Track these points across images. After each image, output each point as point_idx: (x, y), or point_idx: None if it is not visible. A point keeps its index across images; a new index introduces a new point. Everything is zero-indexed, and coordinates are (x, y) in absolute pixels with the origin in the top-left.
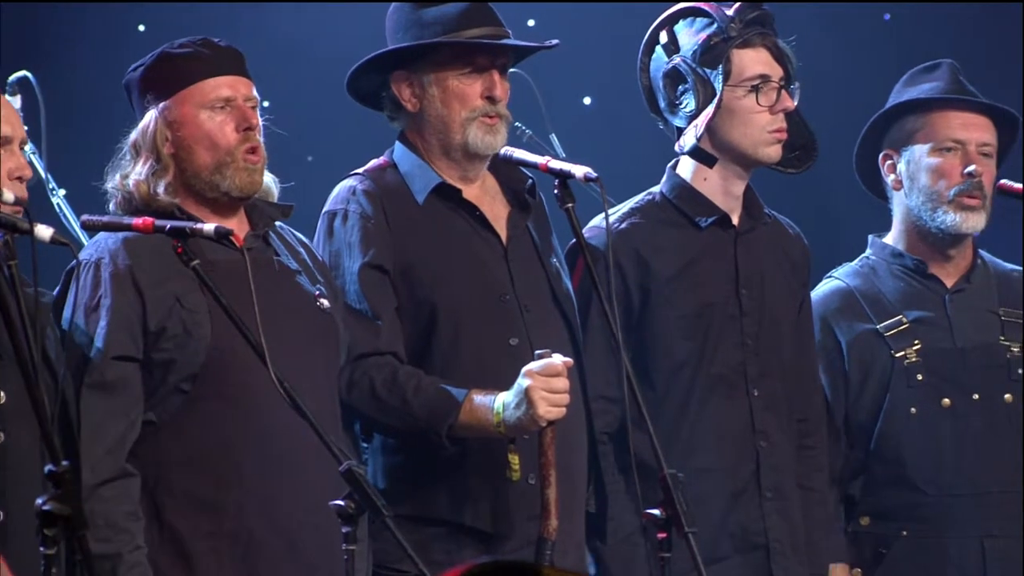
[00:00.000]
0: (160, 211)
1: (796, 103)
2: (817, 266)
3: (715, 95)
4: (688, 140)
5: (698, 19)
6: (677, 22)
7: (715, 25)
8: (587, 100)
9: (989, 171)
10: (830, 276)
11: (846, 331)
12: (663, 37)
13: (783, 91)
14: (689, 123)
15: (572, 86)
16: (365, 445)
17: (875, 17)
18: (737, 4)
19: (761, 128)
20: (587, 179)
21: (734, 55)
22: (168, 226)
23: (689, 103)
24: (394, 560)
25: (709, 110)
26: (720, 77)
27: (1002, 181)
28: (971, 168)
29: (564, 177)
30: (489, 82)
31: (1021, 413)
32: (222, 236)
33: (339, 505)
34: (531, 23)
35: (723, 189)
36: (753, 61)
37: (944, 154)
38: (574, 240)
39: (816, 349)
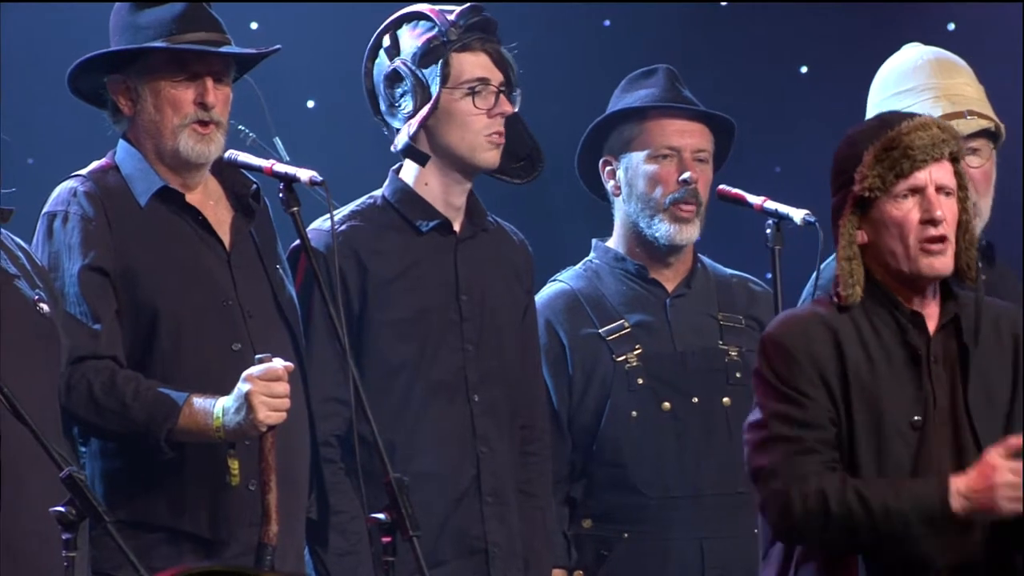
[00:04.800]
0: None
1: (517, 109)
2: (541, 270)
3: (431, 97)
4: (401, 139)
5: (421, 23)
6: (401, 26)
7: (436, 29)
8: (311, 103)
9: (705, 177)
10: (555, 279)
11: (570, 333)
12: (386, 41)
13: (502, 95)
14: (405, 123)
15: (296, 89)
16: (84, 449)
17: (595, 21)
18: (459, 9)
19: (477, 131)
20: (312, 183)
21: (453, 58)
22: None
23: (407, 104)
24: (113, 566)
25: (424, 110)
26: (438, 79)
27: (720, 187)
28: (686, 175)
29: (289, 181)
30: (202, 88)
31: (739, 416)
32: None
33: (59, 511)
34: (254, 26)
35: (444, 195)
36: (472, 65)
37: (660, 161)
38: (297, 242)
39: (541, 351)
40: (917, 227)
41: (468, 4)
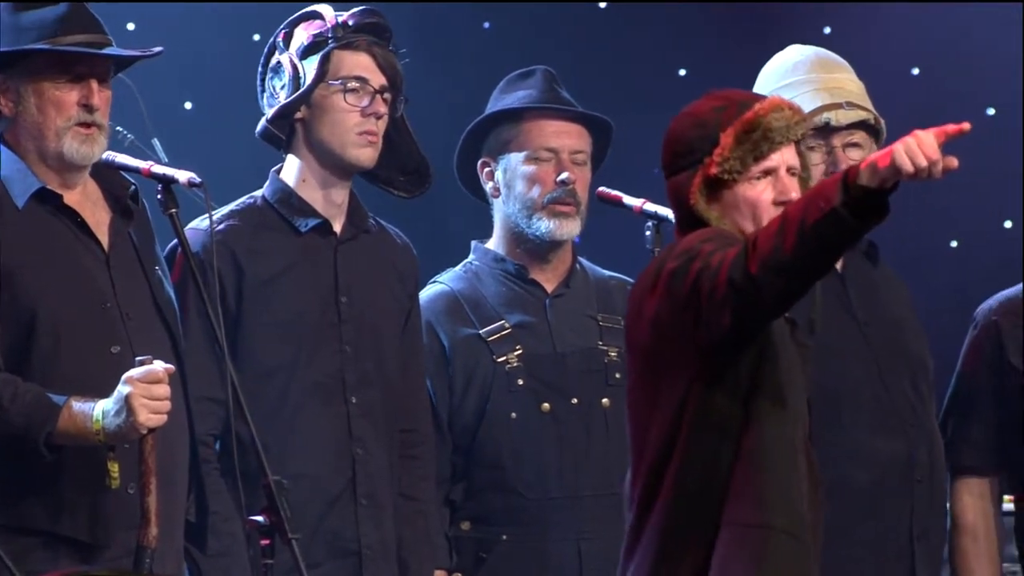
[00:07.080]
0: None
1: (400, 115)
2: (425, 273)
3: (304, 87)
4: (261, 122)
5: (316, 20)
6: (299, 24)
7: (325, 26)
8: (188, 105)
9: (583, 178)
10: (434, 281)
11: (450, 335)
12: (281, 37)
13: (379, 96)
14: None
15: (173, 90)
16: None
17: (475, 23)
18: (353, 11)
19: (348, 128)
20: (191, 184)
21: (334, 55)
22: None
23: (283, 96)
24: None
25: (291, 98)
26: (314, 73)
27: (600, 189)
28: (564, 176)
29: (167, 182)
30: (86, 90)
31: (618, 417)
32: None
33: None
34: (131, 27)
35: (324, 195)
36: (352, 63)
37: (538, 162)
38: (174, 242)
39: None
40: (770, 208)
41: (364, 7)
